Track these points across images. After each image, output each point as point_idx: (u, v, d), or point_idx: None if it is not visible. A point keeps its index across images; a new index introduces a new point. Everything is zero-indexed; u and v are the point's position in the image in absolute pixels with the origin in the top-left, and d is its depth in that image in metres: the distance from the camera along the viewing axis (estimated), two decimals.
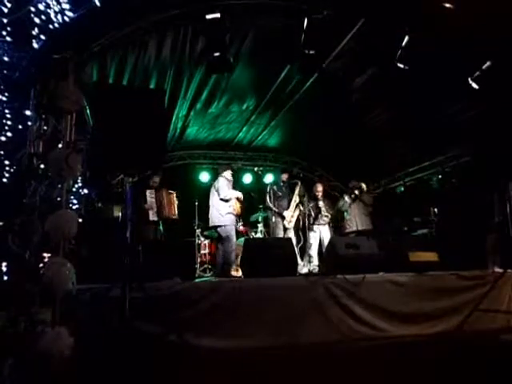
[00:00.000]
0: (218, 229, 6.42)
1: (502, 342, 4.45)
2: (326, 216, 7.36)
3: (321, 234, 7.22)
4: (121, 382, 2.96)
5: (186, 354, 3.73)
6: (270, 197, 7.17)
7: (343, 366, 3.55)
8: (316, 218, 7.25)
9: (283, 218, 7.00)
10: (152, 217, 6.21)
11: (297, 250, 6.98)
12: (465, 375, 3.12)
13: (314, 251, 7.10)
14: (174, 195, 6.72)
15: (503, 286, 5.05)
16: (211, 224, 6.54)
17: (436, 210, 7.68)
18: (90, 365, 3.09)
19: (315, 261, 7.00)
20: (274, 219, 7.15)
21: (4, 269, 3.69)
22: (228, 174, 6.72)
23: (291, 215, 6.99)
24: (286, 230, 7.01)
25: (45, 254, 3.16)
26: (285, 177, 7.46)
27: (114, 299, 3.45)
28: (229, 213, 6.35)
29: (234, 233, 6.36)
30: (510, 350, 4.13)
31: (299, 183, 7.22)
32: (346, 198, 7.66)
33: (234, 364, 3.62)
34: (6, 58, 5.08)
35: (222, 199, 6.38)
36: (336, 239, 5.90)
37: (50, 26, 4.75)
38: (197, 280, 4.87)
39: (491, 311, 4.77)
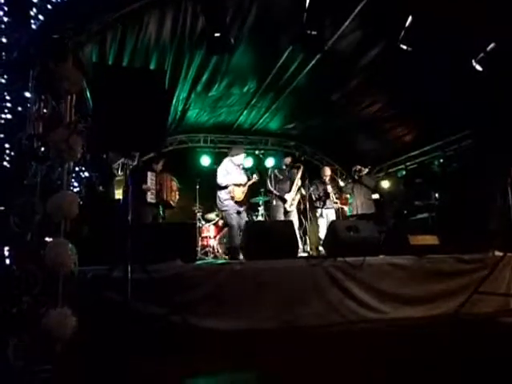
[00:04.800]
0: (222, 213, 6.51)
1: (501, 323, 4.49)
2: (335, 202, 7.37)
3: (328, 217, 7.24)
4: (122, 362, 2.99)
5: (187, 335, 3.76)
6: (271, 180, 7.15)
7: (343, 347, 3.59)
8: (324, 203, 7.25)
9: (284, 201, 6.98)
10: (150, 199, 6.20)
11: (299, 234, 7.01)
12: (464, 357, 3.15)
13: (322, 235, 7.12)
14: (176, 183, 6.73)
15: (503, 269, 5.08)
16: (217, 208, 6.76)
17: (437, 194, 7.68)
18: (92, 345, 3.12)
19: None
20: (274, 203, 7.15)
21: (6, 253, 3.70)
22: (237, 158, 6.63)
23: (292, 198, 6.97)
24: (287, 213, 7.00)
25: (47, 239, 3.15)
26: (288, 160, 7.40)
27: (115, 280, 3.47)
28: (227, 199, 6.36)
29: (233, 217, 6.31)
30: (509, 331, 4.17)
31: (302, 167, 7.18)
32: (347, 185, 7.69)
33: (234, 345, 3.66)
34: (3, 39, 5.01)
35: (219, 186, 6.42)
36: (337, 222, 5.90)
37: (49, 6, 4.67)
38: (198, 262, 4.89)
39: (491, 294, 4.80)
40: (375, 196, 7.92)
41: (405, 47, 5.15)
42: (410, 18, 4.95)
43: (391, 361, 3.09)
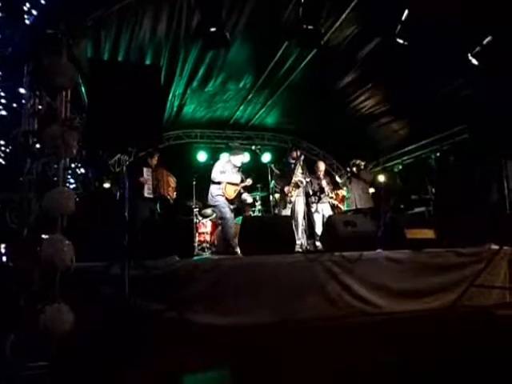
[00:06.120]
0: (213, 208, 6.57)
1: (498, 316, 4.52)
2: (331, 197, 7.36)
3: (323, 211, 7.24)
4: (120, 357, 2.99)
5: (185, 330, 3.76)
6: (271, 176, 7.13)
7: (340, 341, 3.60)
8: (320, 198, 7.24)
9: (285, 193, 6.95)
10: (147, 193, 6.19)
11: (302, 227, 6.94)
12: (462, 350, 3.17)
13: (318, 230, 7.13)
14: (173, 178, 6.72)
15: (499, 262, 5.10)
16: (208, 202, 6.76)
17: (433, 188, 7.70)
18: (90, 341, 3.12)
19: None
20: (277, 197, 7.14)
21: (3, 250, 3.69)
22: (236, 158, 6.71)
23: (291, 189, 6.93)
24: (288, 203, 6.96)
25: (43, 236, 3.14)
26: (295, 154, 7.35)
27: (113, 276, 3.47)
28: (218, 195, 6.42)
29: (226, 210, 6.35)
30: (506, 324, 4.19)
31: (302, 156, 7.11)
32: (343, 179, 7.69)
33: (232, 340, 3.66)
34: None
35: (212, 180, 6.49)
36: (334, 217, 5.91)
37: (42, 1, 4.63)
38: (195, 258, 4.89)
39: (487, 287, 4.82)
40: (372, 190, 7.94)
41: (401, 41, 5.13)
42: (406, 12, 4.93)
43: (389, 353, 3.10)
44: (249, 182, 6.71)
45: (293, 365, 2.91)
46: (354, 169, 7.62)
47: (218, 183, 6.44)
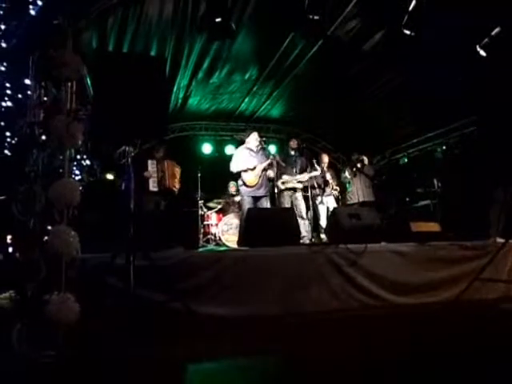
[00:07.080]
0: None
1: (502, 310, 4.50)
2: (335, 190, 7.35)
3: (327, 204, 7.23)
4: (124, 348, 3.01)
5: (189, 321, 3.78)
6: (275, 167, 7.09)
7: (344, 333, 3.61)
8: (324, 190, 7.24)
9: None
10: (152, 187, 6.17)
11: (308, 221, 6.91)
12: (465, 343, 3.16)
13: (323, 222, 7.12)
14: (179, 169, 6.70)
15: (504, 256, 5.07)
16: None
17: (439, 181, 7.66)
18: (95, 331, 3.15)
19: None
20: (280, 188, 7.11)
21: (9, 241, 3.73)
22: (249, 139, 6.46)
23: (298, 180, 6.88)
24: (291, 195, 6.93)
25: (49, 227, 3.16)
26: (294, 143, 7.26)
27: (118, 267, 3.49)
28: (242, 185, 6.27)
29: (246, 203, 6.17)
30: (510, 318, 4.18)
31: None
32: (347, 173, 7.67)
33: (236, 331, 3.68)
34: (2, 26, 4.97)
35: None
36: (339, 210, 5.89)
37: None
38: (200, 250, 4.91)
39: (492, 281, 4.80)
40: (375, 181, 7.91)
41: (408, 32, 5.08)
42: (413, 2, 4.88)
43: (392, 347, 3.10)
44: (271, 158, 6.32)
45: (294, 357, 2.92)
46: (359, 164, 7.60)
47: (238, 174, 6.25)
